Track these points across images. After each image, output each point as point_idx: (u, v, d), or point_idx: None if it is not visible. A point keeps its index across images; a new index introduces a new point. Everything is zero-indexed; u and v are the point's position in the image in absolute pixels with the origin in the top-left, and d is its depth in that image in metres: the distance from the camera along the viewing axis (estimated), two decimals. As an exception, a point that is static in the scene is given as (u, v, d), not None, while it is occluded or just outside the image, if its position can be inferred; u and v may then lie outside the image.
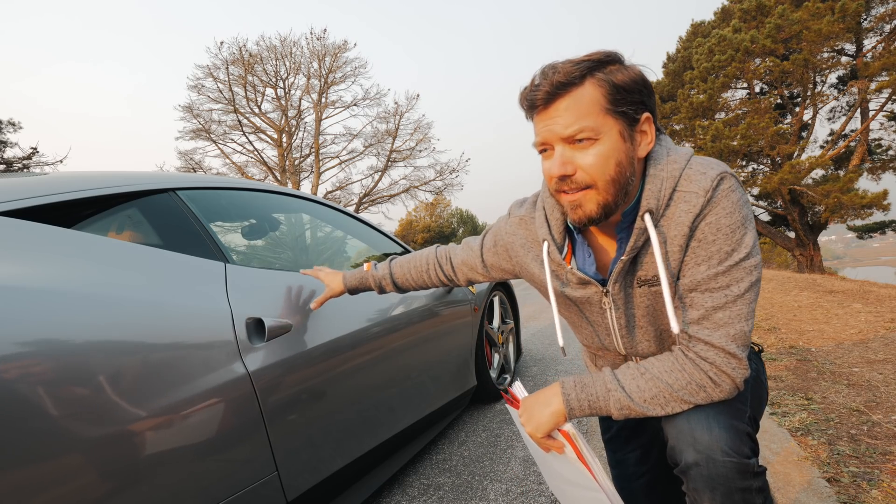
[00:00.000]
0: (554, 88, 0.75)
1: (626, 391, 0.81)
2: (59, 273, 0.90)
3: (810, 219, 14.54)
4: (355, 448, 1.44)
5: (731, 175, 0.78)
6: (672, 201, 0.79)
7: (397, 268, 1.31)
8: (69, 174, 1.15)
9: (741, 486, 0.74)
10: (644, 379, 0.81)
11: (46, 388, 0.80)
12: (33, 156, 11.76)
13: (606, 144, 0.76)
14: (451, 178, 19.29)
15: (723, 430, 0.76)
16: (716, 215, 0.76)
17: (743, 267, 0.77)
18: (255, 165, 19.09)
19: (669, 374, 0.79)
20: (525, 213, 1.01)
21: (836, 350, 2.97)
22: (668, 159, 0.81)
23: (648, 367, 0.82)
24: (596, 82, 0.76)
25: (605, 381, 0.84)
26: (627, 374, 0.83)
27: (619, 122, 0.77)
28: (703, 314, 0.78)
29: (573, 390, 0.86)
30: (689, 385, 0.78)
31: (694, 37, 16.71)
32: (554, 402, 0.87)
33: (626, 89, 0.76)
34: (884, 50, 12.58)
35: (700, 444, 0.76)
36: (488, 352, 2.58)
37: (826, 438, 1.74)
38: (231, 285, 1.18)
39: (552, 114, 0.77)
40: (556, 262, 0.92)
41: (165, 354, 0.98)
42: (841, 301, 4.78)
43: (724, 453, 0.74)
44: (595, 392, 0.84)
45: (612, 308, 0.90)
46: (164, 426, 0.95)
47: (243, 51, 17.52)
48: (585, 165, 0.77)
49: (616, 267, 0.85)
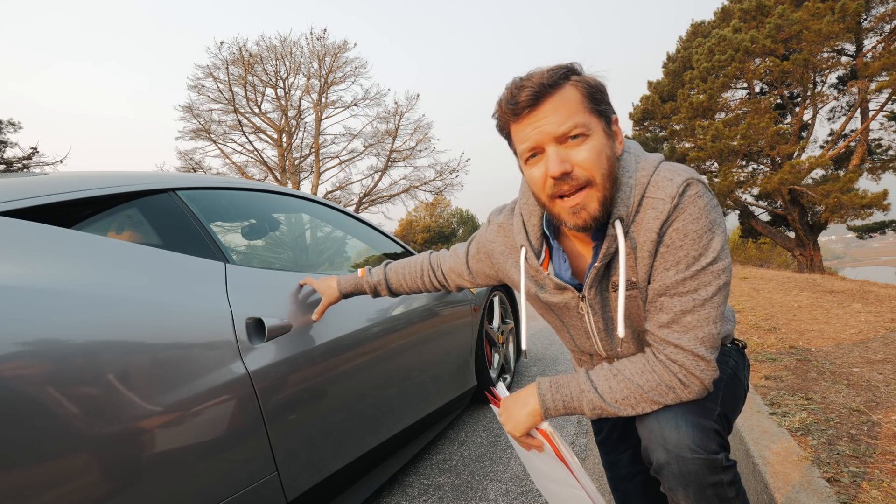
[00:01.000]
0: (540, 89, 0.76)
1: (598, 392, 0.83)
2: (59, 273, 0.90)
3: (810, 219, 14.54)
4: (355, 448, 1.44)
5: (697, 181, 0.80)
6: (641, 208, 0.82)
7: (392, 273, 1.32)
8: (69, 174, 1.15)
9: (712, 482, 0.76)
10: (616, 380, 0.83)
11: (46, 388, 0.80)
12: (33, 156, 11.76)
13: (596, 140, 0.78)
14: (451, 178, 19.30)
15: (690, 429, 0.78)
16: (683, 221, 0.79)
17: (710, 271, 0.78)
18: (255, 165, 19.11)
19: (640, 375, 0.81)
20: (503, 220, 1.04)
21: (836, 350, 2.97)
22: (636, 166, 0.84)
23: (621, 368, 0.84)
24: (574, 84, 0.78)
25: (580, 382, 0.86)
26: (601, 374, 0.85)
27: (601, 120, 0.80)
28: (672, 318, 0.80)
29: (548, 391, 0.88)
30: (658, 386, 0.80)
31: (694, 37, 16.70)
32: (530, 401, 0.89)
33: (600, 90, 0.80)
34: (884, 50, 12.57)
35: (669, 443, 0.78)
36: (488, 352, 2.58)
37: (826, 438, 1.74)
38: (231, 285, 1.18)
39: (540, 115, 0.77)
40: (534, 268, 0.94)
41: (165, 355, 0.98)
42: (841, 301, 4.79)
43: (691, 451, 0.76)
44: (569, 392, 0.86)
45: (589, 313, 0.92)
46: (164, 426, 0.95)
47: (243, 51, 17.52)
48: (582, 161, 0.77)
49: (590, 273, 0.87)
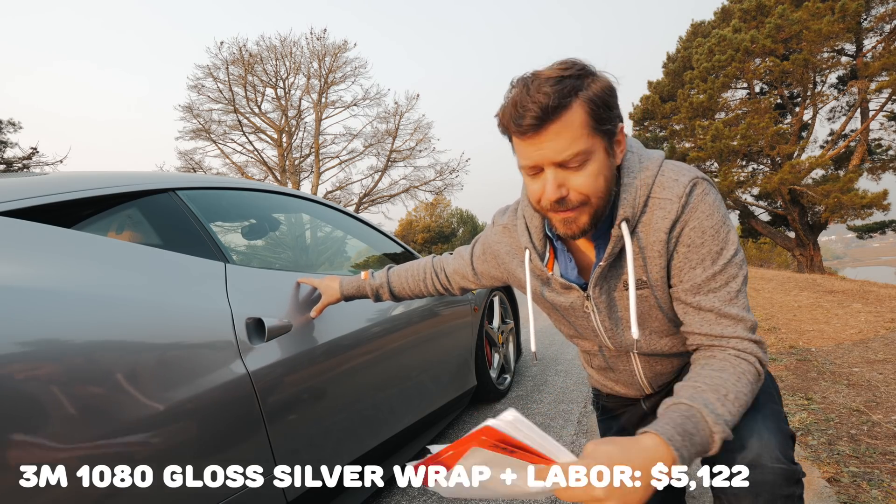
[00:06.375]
0: (545, 114, 0.73)
1: (728, 424, 0.71)
2: (59, 273, 0.90)
3: (810, 219, 14.54)
4: (355, 448, 1.44)
5: (702, 179, 0.81)
6: (647, 208, 0.82)
7: (395, 277, 1.32)
8: (69, 174, 1.15)
9: (785, 493, 0.72)
10: (729, 400, 0.73)
11: (46, 388, 0.80)
12: (33, 156, 11.76)
13: (596, 163, 0.77)
14: (451, 178, 19.30)
15: (772, 435, 0.75)
16: (697, 219, 0.80)
17: (734, 263, 0.80)
18: (255, 165, 19.11)
19: (739, 381, 0.75)
20: (507, 221, 1.04)
21: (836, 350, 2.96)
22: (640, 167, 0.83)
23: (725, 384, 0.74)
24: (581, 102, 0.74)
25: (709, 424, 0.70)
26: (715, 402, 0.72)
27: (603, 140, 0.78)
28: (718, 314, 0.80)
29: (683, 447, 0.66)
30: (753, 385, 0.77)
31: (694, 37, 16.69)
32: (657, 459, 0.64)
33: (607, 105, 0.76)
34: (884, 50, 12.57)
35: (750, 451, 0.74)
36: (488, 352, 2.58)
37: (826, 438, 1.74)
38: (231, 285, 1.18)
39: (543, 139, 0.75)
40: (539, 269, 0.95)
41: (165, 354, 0.98)
42: (841, 301, 4.78)
43: (774, 458, 0.73)
44: (702, 441, 0.69)
45: (595, 311, 0.92)
46: (164, 426, 0.95)
47: (243, 51, 17.52)
48: (579, 186, 0.77)
49: (595, 272, 0.87)
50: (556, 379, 2.92)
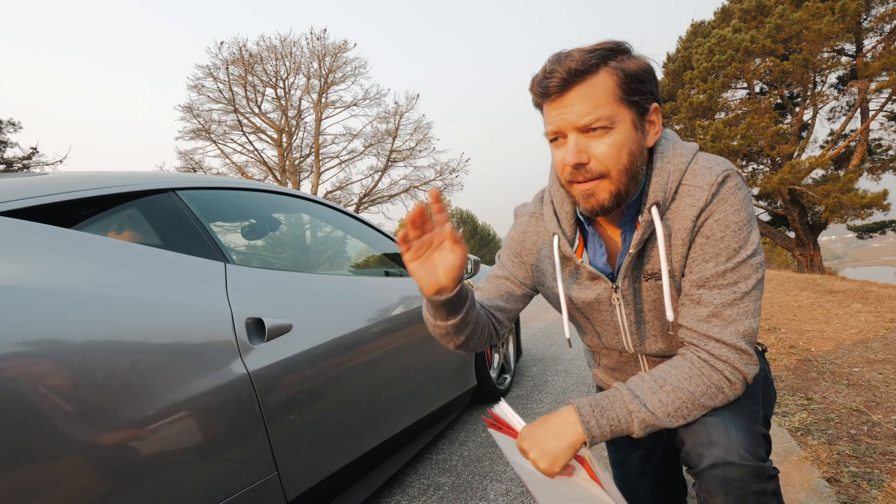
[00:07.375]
0: (570, 76, 0.74)
1: (649, 409, 0.77)
2: (59, 273, 0.90)
3: (810, 219, 14.54)
4: (355, 448, 1.44)
5: (735, 173, 0.79)
6: (677, 195, 0.81)
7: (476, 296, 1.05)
8: (69, 174, 1.15)
9: (755, 490, 0.73)
10: (664, 392, 0.77)
11: (46, 388, 0.80)
12: (33, 156, 11.75)
13: (620, 133, 0.76)
14: (452, 178, 19.28)
15: (740, 433, 0.75)
16: (723, 212, 0.77)
17: (750, 264, 0.77)
18: (255, 165, 19.08)
19: (688, 380, 0.77)
20: (534, 209, 1.00)
21: (836, 350, 2.97)
22: (674, 152, 0.82)
23: (664, 376, 0.79)
24: (610, 70, 0.75)
25: (626, 402, 0.78)
26: (645, 388, 0.78)
27: (631, 111, 0.77)
28: (713, 311, 0.78)
29: (592, 416, 0.78)
30: (709, 389, 0.77)
31: (694, 37, 16.69)
32: (569, 430, 0.79)
33: (638, 78, 0.76)
34: (884, 50, 12.57)
35: (717, 447, 0.75)
36: (488, 352, 2.58)
37: (826, 438, 1.74)
38: (231, 285, 1.18)
39: (567, 102, 0.76)
40: (567, 256, 0.91)
41: (165, 355, 0.98)
42: (841, 301, 4.78)
43: (740, 456, 0.73)
44: (616, 416, 0.78)
45: (621, 304, 0.89)
46: (164, 426, 0.95)
47: (243, 51, 17.50)
48: (599, 154, 0.76)
49: (625, 261, 0.84)
50: (556, 379, 2.92)
